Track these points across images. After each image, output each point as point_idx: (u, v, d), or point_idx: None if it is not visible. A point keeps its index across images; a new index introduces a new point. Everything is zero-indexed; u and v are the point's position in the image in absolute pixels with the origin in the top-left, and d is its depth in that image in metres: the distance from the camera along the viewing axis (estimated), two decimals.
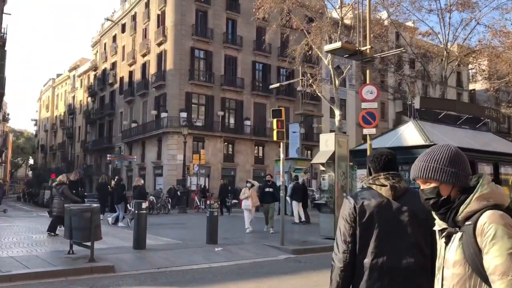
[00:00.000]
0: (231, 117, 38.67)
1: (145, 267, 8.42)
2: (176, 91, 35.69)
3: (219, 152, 37.06)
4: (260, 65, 40.46)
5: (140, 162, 39.43)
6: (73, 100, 62.43)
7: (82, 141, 56.25)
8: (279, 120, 11.04)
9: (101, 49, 52.85)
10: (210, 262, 9.10)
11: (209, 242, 10.95)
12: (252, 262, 9.34)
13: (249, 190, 13.39)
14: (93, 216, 8.25)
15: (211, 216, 11.02)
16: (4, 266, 7.64)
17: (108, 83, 48.74)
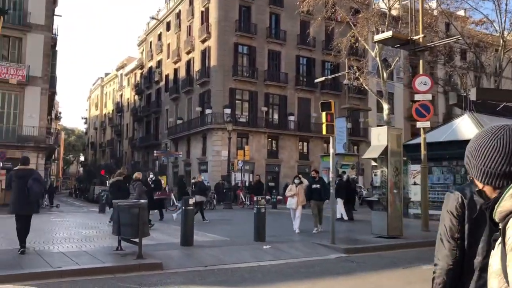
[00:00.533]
0: (275, 113, 38.34)
1: (193, 265, 8.24)
2: (220, 87, 35.72)
3: (263, 148, 36.83)
4: (304, 59, 39.87)
5: (186, 158, 39.83)
6: (120, 98, 64.02)
7: (130, 138, 57.60)
8: (328, 113, 10.59)
9: (147, 48, 53.83)
10: (258, 261, 8.81)
11: (256, 240, 10.68)
12: (302, 261, 8.97)
13: (296, 187, 12.36)
14: (141, 212, 8.15)
15: (259, 213, 10.73)
16: (55, 261, 7.65)
17: (154, 81, 49.58)
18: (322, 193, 12.48)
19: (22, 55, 28.75)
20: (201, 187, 16.15)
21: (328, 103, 10.70)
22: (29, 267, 7.22)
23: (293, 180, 12.79)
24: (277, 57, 38.53)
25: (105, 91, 73.63)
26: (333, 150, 10.76)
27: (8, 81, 27.69)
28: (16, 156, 28.23)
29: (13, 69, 27.92)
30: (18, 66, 28.21)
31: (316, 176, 13.21)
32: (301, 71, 40.00)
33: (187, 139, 39.96)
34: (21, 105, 28.52)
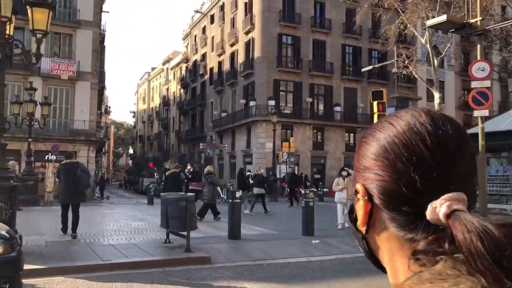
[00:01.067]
0: (320, 103, 37.69)
1: (241, 259, 8.08)
2: (264, 78, 35.47)
3: (308, 140, 36.34)
4: (350, 48, 38.91)
5: (231, 150, 39.95)
6: (167, 92, 65.10)
7: (176, 131, 58.51)
8: (380, 103, 10.13)
9: (191, 41, 54.31)
10: (308, 256, 8.55)
11: (305, 234, 10.41)
12: (353, 257, 8.61)
13: (344, 180, 11.56)
14: (189, 205, 8.06)
15: (307, 206, 10.45)
16: (105, 254, 7.70)
17: (199, 74, 49.99)
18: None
19: (72, 51, 29.64)
20: (260, 179, 16.31)
21: (379, 92, 10.24)
22: (80, 259, 7.29)
23: (340, 173, 12.08)
24: (322, 46, 37.79)
25: (152, 85, 75.12)
26: None
27: (60, 77, 28.64)
28: (68, 150, 29.28)
29: (64, 65, 28.83)
30: (69, 62, 29.11)
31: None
32: (347, 60, 39.06)
33: (231, 131, 40.05)
34: (72, 100, 29.44)
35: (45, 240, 9.04)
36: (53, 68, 28.47)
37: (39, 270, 6.57)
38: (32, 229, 10.62)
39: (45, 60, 28.44)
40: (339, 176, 11.90)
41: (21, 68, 28.19)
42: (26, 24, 27.80)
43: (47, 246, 8.38)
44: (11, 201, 7.40)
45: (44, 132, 28.41)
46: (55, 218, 13.17)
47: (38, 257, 7.27)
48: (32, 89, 18.90)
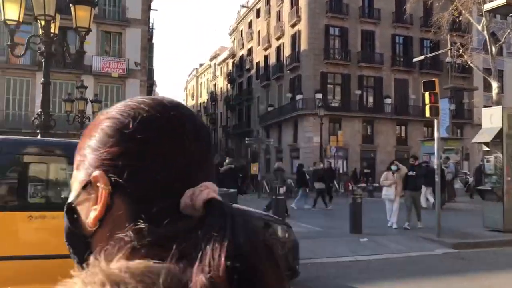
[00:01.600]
0: (369, 96, 36.69)
1: None
2: (311, 71, 34.90)
3: (357, 133, 35.47)
4: (401, 38, 37.55)
5: (277, 145, 39.70)
6: (214, 88, 65.71)
7: (224, 126, 58.94)
8: (432, 93, 9.53)
9: (238, 36, 54.41)
10: (355, 255, 8.18)
11: (352, 231, 10.01)
12: (404, 257, 8.17)
13: (394, 175, 10.78)
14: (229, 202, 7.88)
15: (354, 203, 10.04)
16: None
17: (245, 69, 50.01)
18: (417, 182, 11.06)
19: (122, 49, 30.37)
20: (320, 174, 16.36)
21: (431, 82, 9.63)
22: None
23: (389, 167, 11.19)
24: (371, 37, 36.69)
25: (200, 81, 76.09)
26: (438, 134, 9.68)
27: (110, 75, 29.42)
28: None
29: (114, 63, 29.59)
30: (119, 60, 29.84)
31: (414, 162, 11.65)
32: (398, 50, 37.74)
33: (278, 126, 39.79)
34: (123, 97, 30.13)
35: None
36: (103, 66, 29.28)
37: None
38: None
39: (96, 58, 29.35)
40: (388, 170, 11.15)
41: (74, 67, 29.19)
42: None
43: None
44: None
45: None
46: None
47: None
48: (83, 87, 19.48)
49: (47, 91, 7.64)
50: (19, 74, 28.35)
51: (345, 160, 33.60)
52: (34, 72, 28.82)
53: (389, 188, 10.76)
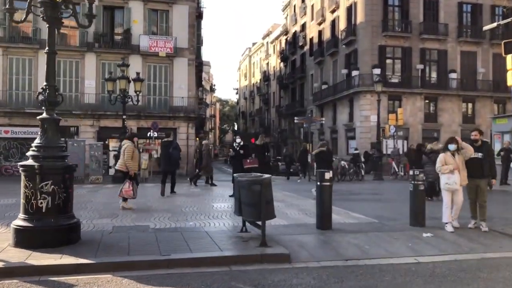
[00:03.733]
0: (432, 71, 33.87)
1: (329, 257, 6.47)
2: (368, 45, 32.58)
3: (418, 111, 32.92)
4: (468, 6, 34.21)
5: (332, 125, 37.89)
6: (267, 67, 64.24)
7: (277, 106, 57.55)
8: None
9: (290, 12, 52.41)
10: (416, 255, 6.67)
11: (413, 224, 8.44)
12: (479, 259, 6.56)
13: (454, 156, 8.16)
14: (264, 190, 6.61)
15: (416, 191, 8.43)
16: (169, 245, 6.59)
17: (299, 46, 48.12)
18: (485, 167, 8.31)
19: (169, 28, 29.61)
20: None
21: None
22: (138, 251, 6.24)
23: (446, 147, 8.36)
24: (435, 6, 33.63)
25: (253, 61, 74.80)
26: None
27: (158, 54, 28.78)
28: (169, 126, 29.57)
29: (162, 42, 28.90)
30: (166, 39, 29.11)
31: (478, 138, 8.53)
32: (465, 20, 34.42)
33: (332, 104, 37.85)
34: (171, 76, 29.53)
35: (113, 225, 8.25)
36: (151, 46, 28.68)
37: (87, 266, 5.61)
38: (109, 211, 10.04)
39: (144, 37, 28.79)
40: (445, 151, 8.36)
41: (121, 47, 28.83)
42: (125, 3, 27.98)
43: (111, 232, 7.53)
44: (65, 183, 6.58)
45: (145, 109, 29.01)
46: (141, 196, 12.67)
47: (93, 248, 6.37)
48: (124, 65, 18.79)
49: (52, 62, 6.63)
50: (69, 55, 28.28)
51: (405, 140, 31.22)
52: (83, 53, 28.73)
53: (450, 175, 8.06)
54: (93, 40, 28.26)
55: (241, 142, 12.95)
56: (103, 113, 27.82)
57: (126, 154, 10.18)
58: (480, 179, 8.30)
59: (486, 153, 8.42)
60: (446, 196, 8.26)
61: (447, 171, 8.11)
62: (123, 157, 10.27)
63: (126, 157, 10.17)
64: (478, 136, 8.56)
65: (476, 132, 8.65)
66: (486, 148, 8.52)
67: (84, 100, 28.27)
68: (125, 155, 10.18)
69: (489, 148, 8.61)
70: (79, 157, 18.46)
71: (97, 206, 10.87)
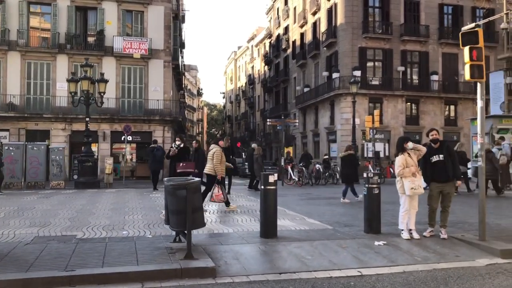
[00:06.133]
0: (413, 72, 33.46)
1: (263, 270, 5.78)
2: (348, 47, 32.08)
3: (400, 114, 32.46)
4: (449, 8, 33.92)
5: (314, 128, 37.33)
6: (252, 70, 63.63)
7: (262, 109, 56.91)
8: (473, 48, 7.08)
9: (274, 15, 51.93)
10: (361, 266, 6.00)
11: (367, 231, 7.79)
12: (429, 270, 5.91)
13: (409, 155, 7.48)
14: (190, 195, 5.91)
15: (370, 195, 7.78)
16: (82, 257, 5.85)
17: (282, 49, 47.59)
18: (449, 169, 7.50)
19: (144, 29, 28.88)
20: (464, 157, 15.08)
21: (472, 33, 7.16)
22: (42, 266, 5.49)
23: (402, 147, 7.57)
24: (416, 7, 33.28)
25: (238, 64, 74.20)
26: (482, 103, 7.23)
27: (132, 56, 28.02)
28: (144, 130, 28.79)
29: (136, 43, 28.14)
30: (141, 40, 28.35)
31: (438, 138, 7.80)
32: (446, 22, 34.10)
33: (314, 107, 37.29)
34: (146, 78, 28.76)
35: (36, 235, 7.48)
36: (125, 47, 27.92)
37: None
38: (44, 220, 9.26)
39: (117, 39, 28.03)
40: (401, 153, 7.53)
41: (94, 48, 28.05)
42: (98, 4, 27.24)
43: (28, 244, 6.77)
44: None
45: (119, 112, 28.21)
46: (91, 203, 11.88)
47: None
48: (88, 65, 17.99)
49: None
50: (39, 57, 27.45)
51: (387, 143, 30.71)
52: (55, 55, 27.91)
53: (414, 179, 7.34)
54: (65, 42, 27.42)
55: (181, 144, 12.15)
56: (76, 116, 26.92)
57: (215, 158, 10.22)
58: (446, 183, 7.61)
59: (447, 154, 7.72)
60: (406, 201, 7.57)
61: (409, 174, 7.43)
62: (212, 161, 10.28)
63: (215, 161, 10.18)
64: (436, 136, 7.88)
65: (435, 132, 7.95)
66: (446, 149, 7.82)
67: (55, 103, 27.39)
68: (214, 159, 10.21)
69: (450, 148, 7.90)
70: (39, 162, 17.62)
71: (34, 214, 10.05)
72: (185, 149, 12.16)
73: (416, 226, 7.77)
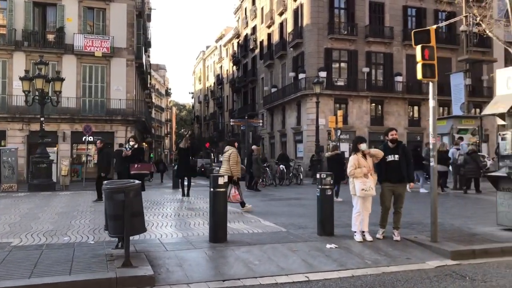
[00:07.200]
0: (378, 74, 33.83)
1: (206, 277, 5.49)
2: (314, 48, 32.15)
3: (365, 114, 32.73)
4: (413, 10, 34.49)
5: (281, 128, 37.29)
6: (220, 70, 63.22)
7: (230, 110, 56.56)
8: (425, 47, 7.00)
9: (242, 15, 51.68)
10: (309, 271, 5.79)
11: (320, 233, 7.62)
12: (378, 274, 5.76)
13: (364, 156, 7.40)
14: (129, 199, 5.57)
15: (323, 196, 7.61)
16: (10, 267, 5.43)
17: (250, 49, 47.39)
18: (403, 170, 7.40)
19: (106, 27, 28.16)
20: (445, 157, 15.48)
21: (425, 32, 7.09)
22: None
23: (355, 146, 7.51)
24: (380, 9, 33.66)
25: (207, 64, 73.65)
26: (434, 103, 7.16)
27: (94, 54, 27.26)
28: (106, 130, 28.03)
29: (98, 41, 27.40)
30: (103, 38, 27.62)
31: (396, 138, 7.66)
32: (410, 24, 34.60)
33: (282, 108, 37.24)
34: (108, 77, 28.03)
35: None
36: (86, 45, 27.14)
37: None
38: None
39: (78, 36, 27.24)
40: (355, 152, 7.46)
41: (54, 46, 27.16)
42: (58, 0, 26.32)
43: None
44: None
45: (80, 112, 27.40)
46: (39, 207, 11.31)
47: None
48: (42, 63, 17.25)
49: None
50: None
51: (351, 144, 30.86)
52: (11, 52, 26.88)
53: (366, 180, 7.20)
54: (22, 39, 26.42)
55: (135, 144, 11.71)
56: (34, 116, 25.94)
57: (231, 159, 10.53)
58: (399, 184, 7.50)
59: (402, 155, 7.61)
60: (359, 202, 7.42)
61: (361, 175, 7.29)
62: (228, 162, 10.55)
63: (231, 162, 10.49)
64: (395, 135, 7.77)
65: (394, 132, 7.84)
66: (402, 150, 7.72)
67: (12, 102, 26.36)
68: (231, 160, 10.52)
69: (406, 149, 7.81)
70: None
71: None
72: (139, 150, 11.72)
73: (371, 228, 7.66)
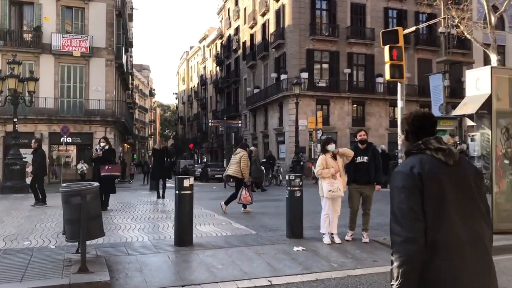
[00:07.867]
0: (360, 75, 33.95)
1: (165, 283, 5.33)
2: (296, 49, 32.14)
3: (346, 115, 32.82)
4: (394, 12, 34.71)
5: (264, 129, 37.21)
6: (204, 71, 62.94)
7: (213, 110, 56.33)
8: (394, 47, 6.94)
9: (225, 15, 51.54)
10: (273, 275, 5.67)
11: (289, 236, 7.52)
12: (342, 277, 5.66)
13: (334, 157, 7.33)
14: (86, 203, 5.38)
15: (292, 198, 7.51)
16: None
17: (233, 49, 47.28)
18: (371, 171, 7.35)
19: (85, 26, 27.76)
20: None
21: (392, 32, 7.03)
22: None
23: (324, 148, 7.53)
24: (362, 10, 33.82)
25: (191, 65, 73.30)
26: (402, 103, 7.11)
27: (72, 54, 26.85)
28: (84, 131, 27.63)
29: (76, 41, 27.00)
30: (82, 38, 27.22)
31: (364, 139, 7.63)
32: (391, 25, 34.66)
33: (264, 109, 37.17)
34: (87, 78, 27.63)
35: None
36: (64, 45, 26.72)
37: None
38: None
39: (56, 36, 26.81)
40: (324, 153, 7.44)
41: (31, 46, 26.68)
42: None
43: None
44: None
45: (58, 113, 26.96)
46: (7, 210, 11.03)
47: None
48: (15, 62, 16.88)
49: None
50: None
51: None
52: None
53: (334, 181, 7.14)
54: None
55: (106, 145, 11.43)
56: (10, 117, 25.36)
57: (242, 162, 10.98)
58: (366, 186, 7.44)
59: (372, 157, 7.56)
60: (327, 204, 7.34)
61: (328, 175, 7.21)
62: (238, 164, 10.99)
63: (242, 165, 10.95)
64: (364, 137, 7.72)
65: (363, 132, 7.81)
66: (372, 151, 7.67)
67: None
68: (242, 162, 10.97)
69: (376, 151, 7.76)
70: None
71: None
72: (110, 151, 11.43)
73: (341, 230, 7.58)
